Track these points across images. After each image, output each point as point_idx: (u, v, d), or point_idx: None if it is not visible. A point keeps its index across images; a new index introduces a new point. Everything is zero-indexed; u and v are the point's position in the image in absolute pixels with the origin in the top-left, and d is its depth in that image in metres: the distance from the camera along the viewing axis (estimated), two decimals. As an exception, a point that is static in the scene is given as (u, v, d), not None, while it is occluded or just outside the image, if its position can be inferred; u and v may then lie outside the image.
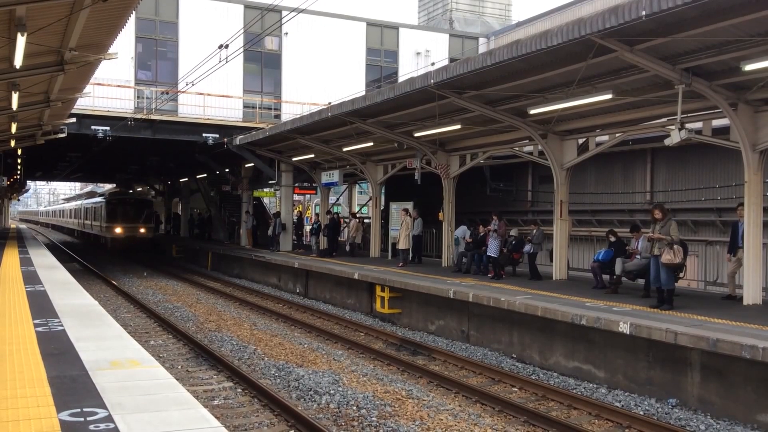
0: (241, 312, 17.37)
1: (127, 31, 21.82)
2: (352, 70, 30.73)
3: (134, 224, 36.38)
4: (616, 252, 13.55)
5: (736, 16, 8.92)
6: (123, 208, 36.71)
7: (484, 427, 8.21)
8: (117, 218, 36.17)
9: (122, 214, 36.43)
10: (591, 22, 9.64)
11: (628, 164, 19.78)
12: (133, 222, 36.35)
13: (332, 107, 18.39)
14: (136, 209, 37.16)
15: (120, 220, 36.10)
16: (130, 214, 36.50)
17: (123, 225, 36.02)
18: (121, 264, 31.20)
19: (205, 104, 26.18)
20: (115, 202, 37.41)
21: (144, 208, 37.76)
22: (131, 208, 37.02)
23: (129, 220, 36.27)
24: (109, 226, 36.29)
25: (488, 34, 34.64)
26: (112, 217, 36.34)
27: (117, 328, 8.29)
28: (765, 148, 11.26)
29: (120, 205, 36.99)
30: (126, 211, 36.61)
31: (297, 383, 9.98)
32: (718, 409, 8.88)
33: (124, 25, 10.93)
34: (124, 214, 36.48)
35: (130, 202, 37.79)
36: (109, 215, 36.56)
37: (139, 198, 41.34)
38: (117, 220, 36.10)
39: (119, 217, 36.28)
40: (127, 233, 36.09)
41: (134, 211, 36.91)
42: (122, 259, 34.15)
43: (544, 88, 13.07)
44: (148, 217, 37.61)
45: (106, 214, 36.75)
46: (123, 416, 4.67)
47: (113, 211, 36.61)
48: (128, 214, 36.48)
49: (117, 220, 36.10)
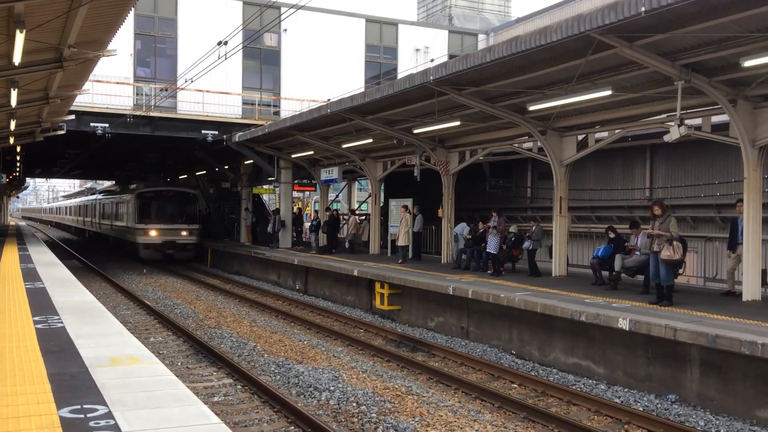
0: (241, 309, 17.37)
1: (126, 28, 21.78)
2: (351, 67, 30.70)
3: (174, 225, 28.94)
4: (615, 248, 13.55)
5: (735, 12, 8.91)
6: (159, 205, 29.38)
7: (483, 423, 8.22)
8: (151, 217, 28.83)
9: (158, 212, 29.05)
10: (590, 18, 9.63)
11: (628, 161, 19.78)
12: (173, 222, 28.93)
13: (331, 104, 18.38)
14: (177, 206, 29.63)
15: (155, 220, 28.71)
16: (168, 212, 29.16)
17: (159, 226, 28.57)
18: (120, 261, 31.17)
19: (204, 101, 26.17)
20: (149, 197, 29.77)
21: (187, 204, 30.03)
22: (170, 204, 29.60)
23: (167, 219, 28.90)
24: (141, 228, 28.58)
25: (487, 31, 34.61)
26: (145, 215, 28.90)
27: (117, 325, 8.29)
28: (764, 144, 11.26)
29: (156, 201, 29.61)
30: (163, 208, 29.23)
31: (297, 380, 9.99)
32: (717, 405, 8.89)
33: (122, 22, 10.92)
34: (160, 211, 29.08)
35: (168, 197, 30.24)
36: (141, 213, 28.97)
37: (180, 191, 31.80)
38: (151, 219, 28.73)
39: (154, 215, 28.94)
40: (164, 237, 28.49)
41: (174, 208, 29.43)
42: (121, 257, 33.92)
43: (543, 84, 13.06)
44: (192, 216, 29.78)
45: (137, 212, 29.04)
46: (123, 413, 4.68)
47: (146, 208, 29.14)
48: (166, 211, 29.13)
49: (151, 219, 28.73)
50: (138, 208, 29.14)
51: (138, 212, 29.06)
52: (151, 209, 29.18)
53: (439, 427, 8.03)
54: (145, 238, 28.61)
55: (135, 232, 29.14)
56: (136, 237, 28.96)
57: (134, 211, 29.25)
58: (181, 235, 28.82)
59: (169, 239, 28.62)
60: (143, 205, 29.23)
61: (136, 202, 29.28)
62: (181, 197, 30.51)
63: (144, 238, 28.63)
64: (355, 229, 25.53)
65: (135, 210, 29.21)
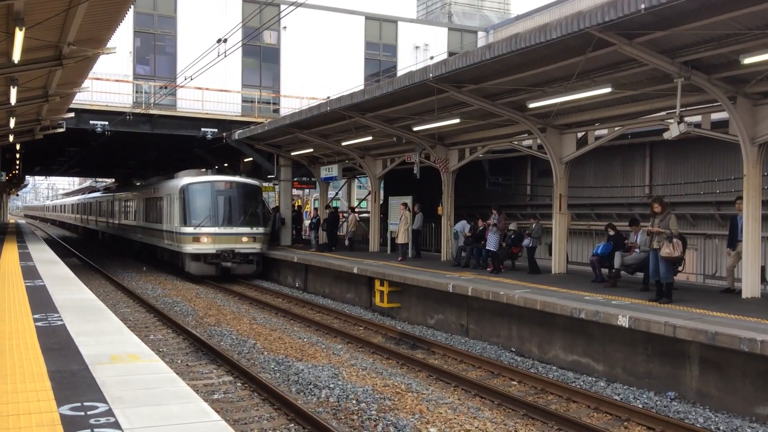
0: (241, 306, 17.38)
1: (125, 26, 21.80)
2: (350, 65, 30.69)
3: (234, 229, 22.18)
4: (615, 246, 13.56)
5: (735, 9, 8.91)
6: (214, 200, 22.56)
7: (483, 421, 8.23)
8: (203, 217, 21.99)
9: (213, 211, 22.33)
10: (590, 15, 9.63)
11: (627, 158, 19.78)
12: (232, 224, 22.32)
13: (331, 101, 18.37)
14: (238, 202, 22.87)
15: (209, 221, 22.02)
16: (226, 211, 22.59)
17: (214, 231, 21.80)
18: (120, 259, 31.17)
19: (203, 99, 26.17)
20: (200, 189, 22.48)
21: (250, 199, 23.23)
22: (229, 199, 22.83)
23: (225, 220, 22.36)
24: (189, 234, 21.65)
25: (487, 28, 34.59)
26: (195, 214, 21.94)
27: (117, 322, 8.30)
28: (764, 142, 11.26)
29: (210, 195, 22.51)
30: (219, 205, 22.62)
31: (296, 377, 10.00)
32: (717, 402, 8.90)
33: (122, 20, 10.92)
34: (216, 210, 22.49)
35: (226, 190, 22.85)
36: (190, 212, 22.07)
37: (242, 182, 23.62)
38: (203, 220, 21.86)
39: (207, 215, 22.13)
40: (220, 244, 21.81)
41: (234, 205, 22.81)
42: (121, 255, 33.94)
43: (543, 81, 13.06)
44: (256, 216, 22.93)
45: (184, 210, 22.02)
46: (123, 410, 4.69)
47: (196, 205, 22.18)
48: (223, 209, 22.61)
49: (203, 220, 21.86)
50: (185, 204, 21.98)
51: (185, 210, 21.93)
52: (203, 206, 22.15)
53: (439, 424, 8.04)
54: (195, 246, 21.56)
55: (180, 237, 21.90)
56: (182, 244, 21.83)
57: (180, 208, 22.05)
58: (243, 242, 22.12)
59: (227, 247, 21.81)
60: (193, 200, 22.11)
61: (183, 196, 22.04)
62: (243, 190, 23.12)
63: (193, 247, 21.60)
64: (355, 227, 25.55)
65: (181, 207, 22.01)
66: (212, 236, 21.74)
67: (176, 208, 22.41)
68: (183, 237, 21.87)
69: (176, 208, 22.41)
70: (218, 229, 21.90)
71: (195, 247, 21.72)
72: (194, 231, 21.65)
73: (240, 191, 23.10)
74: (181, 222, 22.03)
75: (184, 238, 21.86)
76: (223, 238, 21.87)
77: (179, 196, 22.33)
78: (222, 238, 21.84)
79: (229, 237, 21.95)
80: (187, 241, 21.78)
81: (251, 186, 23.69)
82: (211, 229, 21.79)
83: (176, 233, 22.40)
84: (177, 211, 22.30)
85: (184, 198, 22.15)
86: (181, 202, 22.17)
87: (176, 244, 22.63)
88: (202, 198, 22.39)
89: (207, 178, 23.33)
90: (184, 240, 21.84)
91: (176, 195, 22.61)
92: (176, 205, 22.46)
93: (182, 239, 21.92)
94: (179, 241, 22.23)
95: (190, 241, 21.70)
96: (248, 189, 23.42)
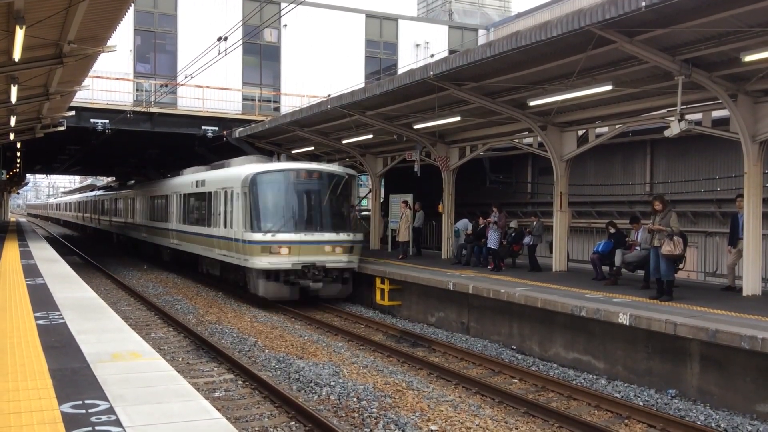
0: (242, 304, 17.38)
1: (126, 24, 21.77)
2: (351, 62, 30.67)
3: (319, 236, 16.65)
4: (615, 243, 13.56)
5: (735, 7, 8.90)
6: (292, 197, 17.15)
7: (484, 418, 8.24)
8: (277, 220, 16.59)
9: (291, 212, 16.99)
10: (590, 13, 9.62)
11: (628, 156, 19.77)
12: (316, 229, 16.81)
13: (331, 99, 18.36)
14: (325, 200, 17.24)
15: (287, 226, 16.55)
16: (308, 211, 17.20)
17: (294, 237, 16.35)
18: (120, 257, 31.19)
19: (204, 97, 26.17)
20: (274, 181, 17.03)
21: (340, 195, 17.44)
22: (312, 195, 17.29)
23: (307, 224, 16.80)
24: (260, 242, 16.15)
25: (487, 26, 34.57)
26: (267, 216, 16.57)
27: (118, 320, 8.31)
28: (764, 139, 11.26)
29: (288, 189, 17.09)
30: (299, 204, 17.23)
31: (297, 375, 10.00)
32: (718, 399, 8.91)
33: (122, 18, 10.92)
34: (294, 210, 17.09)
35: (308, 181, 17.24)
36: (260, 213, 16.58)
37: (330, 173, 17.77)
38: (278, 224, 16.48)
39: (284, 217, 16.75)
40: (301, 257, 16.34)
41: (319, 204, 17.28)
42: (122, 252, 33.94)
43: (543, 79, 13.05)
44: (344, 218, 17.56)
45: (252, 211, 16.51)
46: (124, 408, 4.70)
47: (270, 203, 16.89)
48: (304, 210, 17.22)
49: (278, 224, 16.48)
50: (254, 202, 16.39)
51: (254, 210, 16.33)
52: (279, 205, 16.76)
53: (440, 422, 8.04)
54: (268, 259, 15.97)
55: (246, 248, 16.36)
56: (249, 256, 16.22)
57: (245, 208, 16.47)
58: (333, 253, 16.53)
59: (312, 260, 16.23)
60: (265, 196, 16.62)
61: (252, 191, 16.39)
62: (332, 182, 17.16)
63: (266, 260, 15.96)
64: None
65: (248, 206, 16.39)
66: (292, 245, 16.12)
67: (239, 208, 16.83)
68: (250, 247, 16.13)
69: (239, 208, 16.83)
70: (300, 236, 16.25)
71: (268, 261, 15.96)
72: (268, 238, 15.95)
73: (328, 183, 17.13)
74: (247, 226, 16.32)
75: (251, 249, 16.13)
76: (307, 248, 16.28)
77: (246, 190, 16.47)
78: (305, 248, 16.25)
79: (315, 246, 16.41)
80: (255, 253, 16.05)
81: (342, 176, 17.50)
82: (290, 235, 16.17)
83: (240, 241, 16.70)
84: (240, 211, 16.76)
85: (254, 193, 16.39)
86: (248, 198, 16.39)
87: (239, 256, 16.87)
88: (278, 193, 16.85)
89: (282, 166, 17.75)
90: (252, 251, 16.11)
91: (239, 190, 16.80)
92: (239, 203, 16.84)
93: (249, 250, 16.22)
94: (244, 252, 16.48)
95: (261, 253, 15.97)
96: (338, 180, 17.27)
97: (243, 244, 16.60)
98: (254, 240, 16.12)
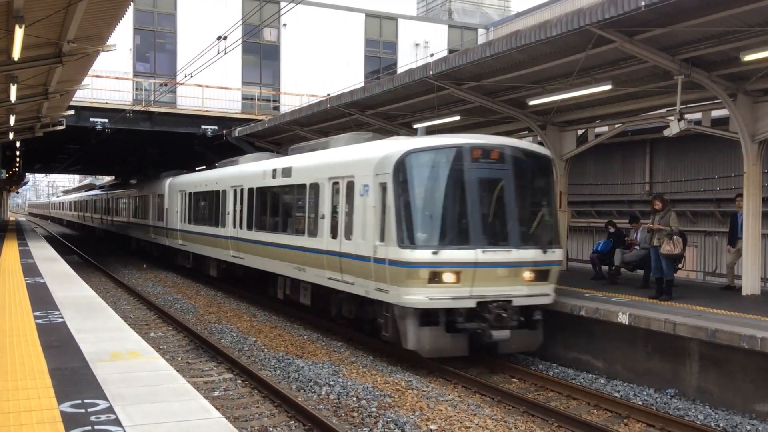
0: (241, 304, 17.38)
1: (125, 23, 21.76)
2: (350, 62, 30.67)
3: (511, 254, 10.41)
4: (615, 243, 13.57)
5: (735, 7, 8.91)
6: (470, 192, 10.41)
7: (483, 418, 8.24)
8: (448, 229, 10.55)
9: (466, 216, 10.43)
10: (590, 12, 9.63)
11: (628, 155, 19.77)
12: (499, 243, 10.51)
13: (331, 98, 18.37)
14: (516, 196, 10.77)
15: (462, 238, 10.36)
16: (491, 216, 10.77)
17: (470, 260, 10.10)
18: (120, 256, 31.17)
19: (203, 96, 26.16)
20: (443, 168, 10.55)
21: (540, 191, 11.52)
22: (498, 192, 10.73)
23: (486, 236, 10.43)
24: (417, 264, 9.96)
25: (487, 25, 34.56)
26: (428, 225, 10.46)
27: (117, 319, 8.31)
28: (764, 139, 11.27)
29: (463, 179, 10.43)
30: (476, 203, 10.45)
31: (297, 374, 10.00)
32: (717, 398, 8.91)
33: (122, 17, 10.92)
34: (478, 212, 10.47)
35: (492, 166, 10.62)
36: (417, 218, 10.32)
37: (525, 152, 11.20)
38: (447, 234, 10.46)
39: (456, 223, 10.57)
40: (481, 287, 10.22)
41: (510, 205, 10.72)
42: (121, 251, 33.86)
43: (543, 79, 13.05)
44: (542, 227, 11.28)
45: (399, 214, 10.19)
46: (124, 407, 4.70)
47: (427, 200, 10.55)
48: (487, 212, 10.68)
49: (447, 234, 10.46)
50: (407, 199, 10.39)
51: (406, 212, 10.34)
52: (450, 203, 10.72)
53: (439, 421, 8.04)
54: (426, 290, 10.11)
55: (387, 272, 10.39)
56: (395, 286, 10.29)
57: (387, 208, 10.50)
58: (524, 282, 10.64)
59: (494, 293, 10.37)
60: (426, 189, 10.68)
61: (402, 180, 10.41)
62: (528, 167, 11.36)
63: (422, 293, 10.12)
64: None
65: (392, 206, 10.38)
66: (464, 269, 10.16)
67: (370, 208, 10.83)
68: (394, 270, 10.21)
69: (370, 208, 10.83)
70: (477, 254, 10.20)
71: (426, 295, 10.07)
72: (427, 258, 9.99)
73: (522, 169, 11.11)
74: (389, 236, 10.32)
75: (395, 273, 10.20)
76: (488, 274, 10.30)
77: (387, 180, 10.46)
78: (484, 274, 10.27)
79: (501, 271, 10.42)
80: (402, 280, 10.13)
81: (545, 157, 11.60)
82: (462, 253, 10.17)
83: (369, 260, 10.78)
84: (372, 212, 10.76)
85: (404, 184, 10.35)
86: (392, 193, 10.34)
87: (364, 283, 11.09)
88: (445, 184, 10.64)
89: (450, 141, 10.90)
90: (396, 277, 10.19)
91: (372, 179, 10.85)
92: (371, 200, 10.80)
93: (390, 274, 10.29)
94: (379, 277, 10.59)
95: (413, 280, 10.05)
96: (537, 165, 11.39)
97: (377, 266, 10.51)
98: (403, 260, 9.98)
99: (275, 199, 15.79)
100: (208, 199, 20.22)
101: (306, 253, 13.28)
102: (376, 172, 10.75)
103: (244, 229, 17.01)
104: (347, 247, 11.55)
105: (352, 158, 12.10)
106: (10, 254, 17.63)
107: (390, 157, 10.52)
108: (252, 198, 16.65)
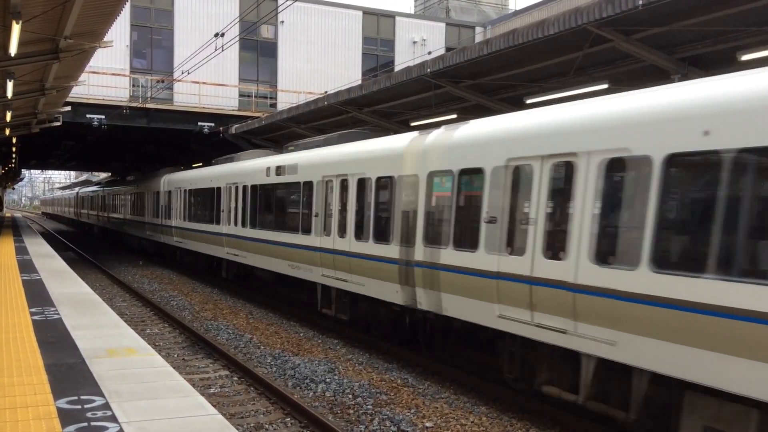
0: (237, 301, 17.38)
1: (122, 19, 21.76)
2: (348, 59, 30.67)
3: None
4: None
5: (732, 6, 8.92)
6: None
7: (479, 415, 8.26)
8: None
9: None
10: (588, 11, 9.64)
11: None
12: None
13: (328, 96, 18.35)
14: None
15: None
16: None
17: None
18: (116, 253, 31.14)
19: (200, 93, 26.13)
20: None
21: None
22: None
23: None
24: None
25: (485, 24, 34.58)
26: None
27: (113, 316, 8.31)
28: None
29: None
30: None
31: (293, 372, 10.02)
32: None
33: (119, 13, 10.89)
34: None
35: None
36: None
37: None
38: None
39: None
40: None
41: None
42: (117, 248, 33.81)
43: (540, 77, 13.06)
44: None
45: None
46: (120, 404, 4.70)
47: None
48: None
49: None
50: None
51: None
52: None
53: (435, 419, 8.06)
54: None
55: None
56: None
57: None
58: None
59: None
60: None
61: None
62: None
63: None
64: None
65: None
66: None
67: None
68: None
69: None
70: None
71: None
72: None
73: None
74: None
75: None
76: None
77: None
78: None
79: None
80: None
81: None
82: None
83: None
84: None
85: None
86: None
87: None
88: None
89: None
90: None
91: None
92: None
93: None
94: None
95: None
96: None
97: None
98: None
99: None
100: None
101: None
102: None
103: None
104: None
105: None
106: (6, 250, 17.60)
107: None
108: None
